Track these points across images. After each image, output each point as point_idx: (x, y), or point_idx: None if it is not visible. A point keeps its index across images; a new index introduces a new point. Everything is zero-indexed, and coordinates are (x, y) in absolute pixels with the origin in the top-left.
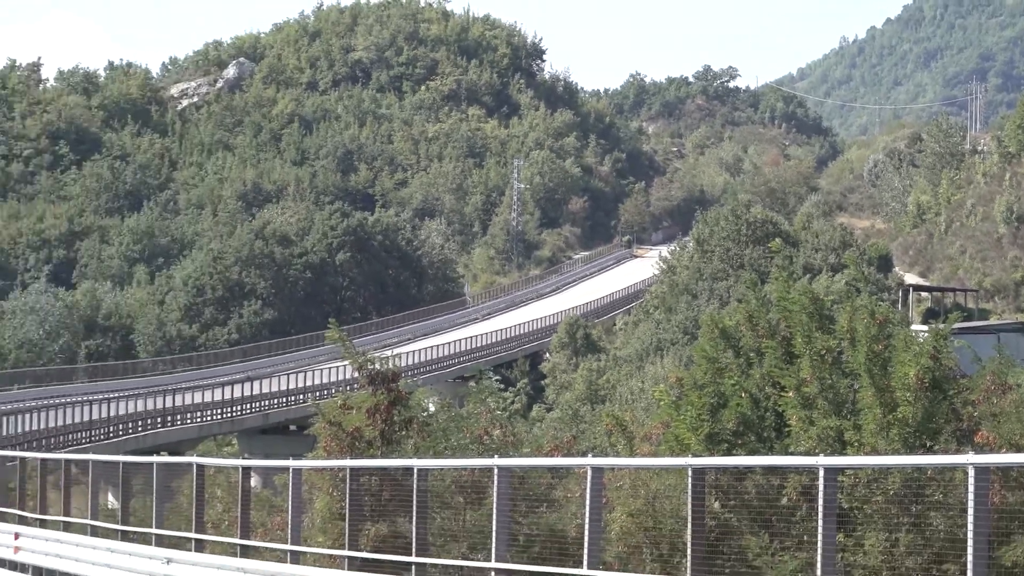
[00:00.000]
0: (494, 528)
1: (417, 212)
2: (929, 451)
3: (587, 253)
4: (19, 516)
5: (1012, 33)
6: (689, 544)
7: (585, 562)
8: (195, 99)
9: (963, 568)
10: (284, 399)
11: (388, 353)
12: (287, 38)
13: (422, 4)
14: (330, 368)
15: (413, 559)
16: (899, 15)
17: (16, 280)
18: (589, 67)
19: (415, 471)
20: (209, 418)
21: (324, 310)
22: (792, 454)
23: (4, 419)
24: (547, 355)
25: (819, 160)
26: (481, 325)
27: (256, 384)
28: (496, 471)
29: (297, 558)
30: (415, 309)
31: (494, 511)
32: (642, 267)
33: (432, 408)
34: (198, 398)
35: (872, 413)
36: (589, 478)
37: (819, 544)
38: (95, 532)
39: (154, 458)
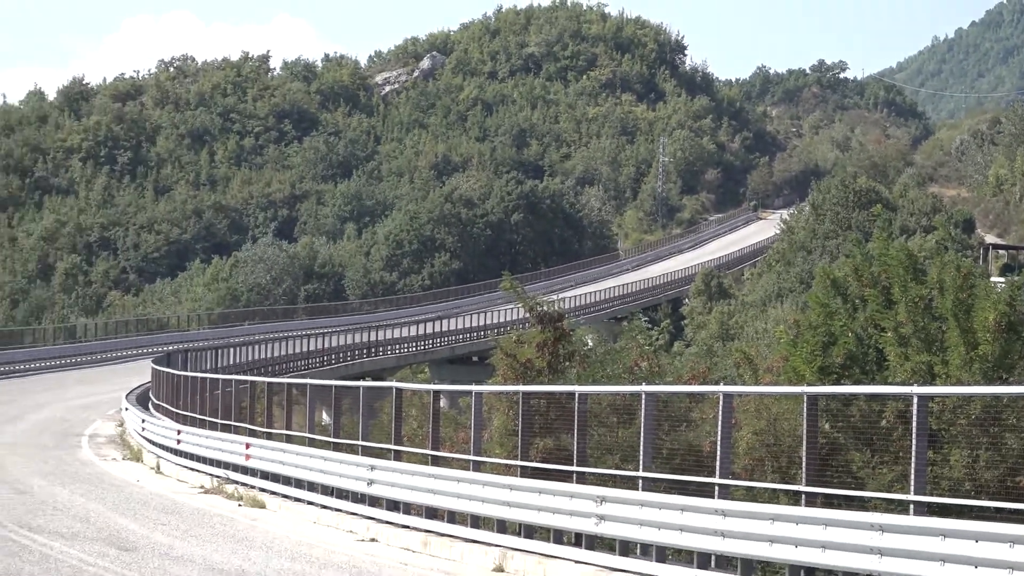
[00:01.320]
0: (641, 443)
1: (579, 181)
2: (1005, 382)
3: (720, 216)
4: (249, 430)
5: None
6: (804, 458)
7: (717, 472)
8: (396, 86)
9: None
10: (468, 335)
11: (554, 298)
12: (472, 35)
13: (584, 7)
14: (506, 309)
15: (574, 468)
16: (982, 18)
17: (248, 235)
18: (723, 60)
19: (576, 395)
20: (405, 350)
21: (501, 261)
22: (890, 384)
23: (237, 349)
24: (686, 300)
25: (914, 140)
26: (631, 275)
27: (445, 322)
28: (644, 396)
29: (478, 466)
30: (576, 261)
31: (642, 429)
32: (766, 228)
33: (590, 344)
34: (397, 333)
35: (957, 350)
36: (721, 403)
37: (912, 459)
38: (312, 443)
39: (360, 383)
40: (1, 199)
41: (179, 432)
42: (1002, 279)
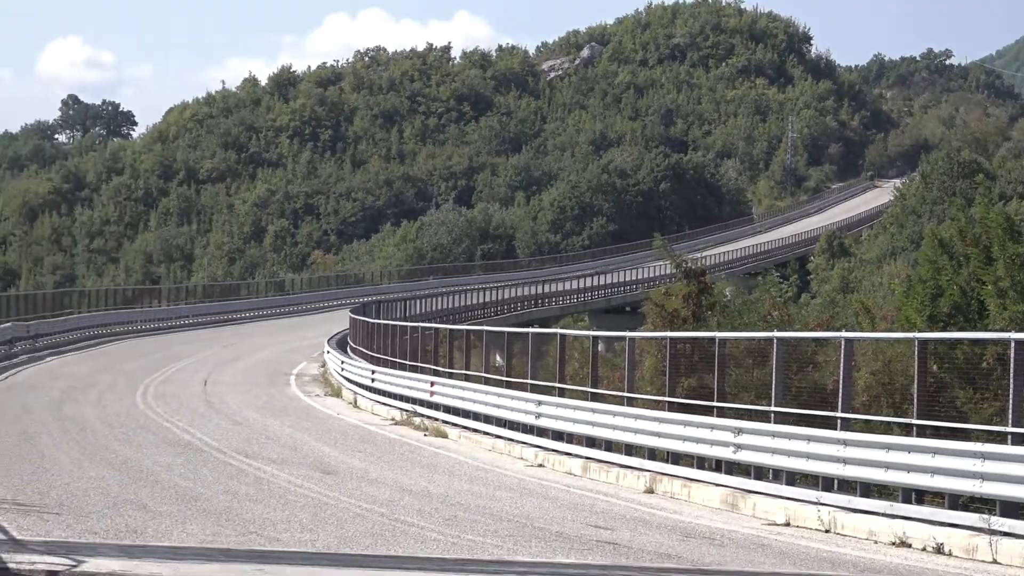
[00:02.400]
0: (773, 382)
1: (718, 154)
2: None
3: (841, 184)
4: (433, 370)
5: None
6: (915, 395)
7: (839, 407)
8: (559, 72)
9: None
10: (622, 288)
11: (697, 255)
12: (625, 28)
13: (723, 3)
14: (655, 266)
15: (715, 404)
16: None
17: (432, 202)
18: (844, 48)
19: (716, 340)
20: (567, 301)
21: (650, 224)
22: (990, 330)
23: (423, 300)
24: (812, 258)
25: (1010, 118)
26: (764, 236)
27: (602, 277)
28: (776, 341)
29: (631, 402)
30: (715, 224)
31: (773, 370)
32: (881, 195)
33: (729, 295)
34: (560, 287)
35: None
36: (843, 347)
37: (1010, 396)
38: (487, 382)
39: (529, 330)
40: (221, 171)
41: (373, 372)
42: None
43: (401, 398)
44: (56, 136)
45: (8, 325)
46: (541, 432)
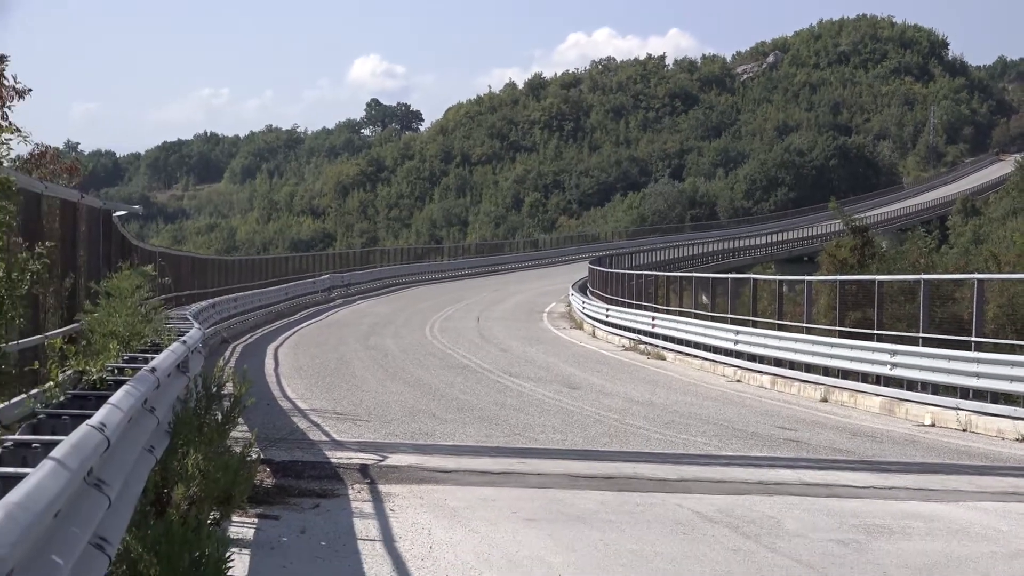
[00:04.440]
0: (921, 314)
1: (876, 137)
2: None
3: (972, 159)
4: (653, 307)
5: None
6: None
7: (973, 333)
8: (750, 74)
9: None
10: (801, 242)
11: (860, 216)
12: (802, 39)
13: (879, 18)
14: (827, 224)
15: (875, 331)
16: None
17: (652, 176)
18: (975, 51)
19: (876, 282)
20: (758, 253)
21: (823, 193)
22: None
23: (645, 253)
24: (950, 217)
25: None
26: (912, 200)
27: (785, 233)
28: (922, 282)
29: (809, 331)
30: (874, 192)
31: (921, 304)
32: (1004, 167)
33: (885, 247)
34: (752, 242)
35: None
36: (975, 286)
37: None
38: (696, 317)
39: (728, 275)
40: (488, 155)
41: (607, 310)
42: None
43: (629, 330)
44: (362, 130)
45: (327, 276)
46: (739, 355)
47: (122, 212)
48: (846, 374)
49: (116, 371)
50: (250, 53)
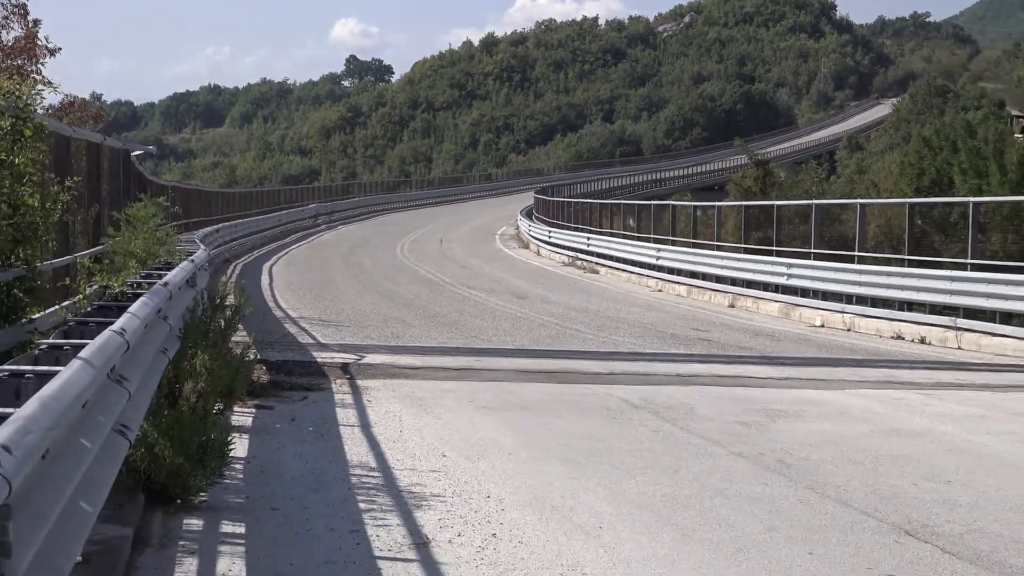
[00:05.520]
0: (813, 233)
1: (775, 84)
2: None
3: (856, 103)
4: (588, 229)
5: None
6: (906, 240)
7: (856, 247)
8: (670, 33)
9: None
10: (712, 174)
11: (762, 151)
12: (714, 2)
13: None
14: (736, 158)
15: (774, 248)
16: None
17: (587, 119)
18: (858, 12)
19: (775, 207)
20: (676, 184)
21: (731, 132)
22: (955, 197)
23: (582, 184)
24: (837, 151)
25: (969, 56)
26: (806, 137)
27: (699, 167)
28: (814, 207)
29: (719, 248)
30: (774, 130)
31: (813, 225)
32: (883, 109)
33: (783, 177)
34: (671, 174)
35: (995, 177)
36: (858, 210)
37: (969, 240)
38: (624, 237)
39: (651, 202)
40: (449, 103)
41: (550, 232)
42: (1021, 135)
43: (568, 248)
44: (342, 82)
45: (314, 205)
46: (660, 269)
47: (139, 152)
48: (750, 284)
49: (135, 285)
50: (248, 15)
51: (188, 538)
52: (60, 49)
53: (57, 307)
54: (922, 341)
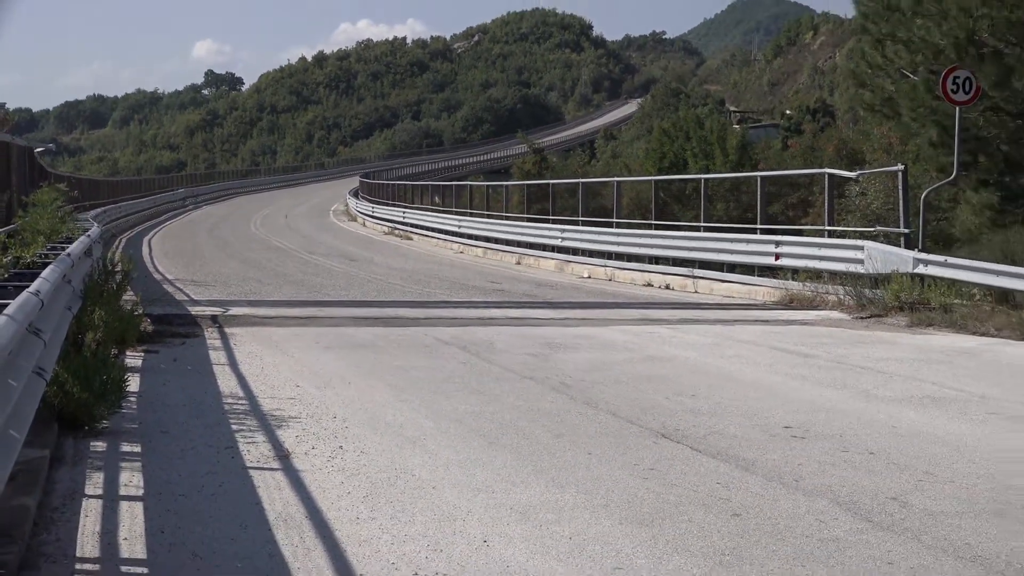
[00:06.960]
0: (580, 205)
1: (547, 88)
2: (740, 172)
3: (610, 102)
4: (403, 205)
5: None
6: (653, 209)
7: (614, 215)
8: (464, 50)
9: None
10: (500, 159)
11: (538, 141)
12: (497, 24)
13: (546, 10)
14: (518, 147)
15: (551, 217)
16: None
17: (399, 118)
18: (610, 30)
19: (550, 185)
20: (472, 168)
21: (514, 126)
22: (689, 175)
23: (396, 169)
24: (597, 140)
25: (696, 64)
26: (572, 130)
27: (488, 154)
28: (581, 185)
29: (507, 218)
30: (547, 125)
31: (579, 199)
32: (632, 107)
33: (555, 161)
34: (467, 160)
35: (720, 158)
36: (616, 186)
37: (701, 208)
38: (432, 210)
39: (453, 183)
40: (289, 106)
41: (373, 208)
42: (737, 126)
43: (388, 221)
44: (203, 91)
45: (183, 190)
46: (461, 235)
47: (40, 149)
48: (532, 246)
49: (43, 256)
50: (125, 37)
51: (95, 457)
52: None
53: None
54: (667, 288)
